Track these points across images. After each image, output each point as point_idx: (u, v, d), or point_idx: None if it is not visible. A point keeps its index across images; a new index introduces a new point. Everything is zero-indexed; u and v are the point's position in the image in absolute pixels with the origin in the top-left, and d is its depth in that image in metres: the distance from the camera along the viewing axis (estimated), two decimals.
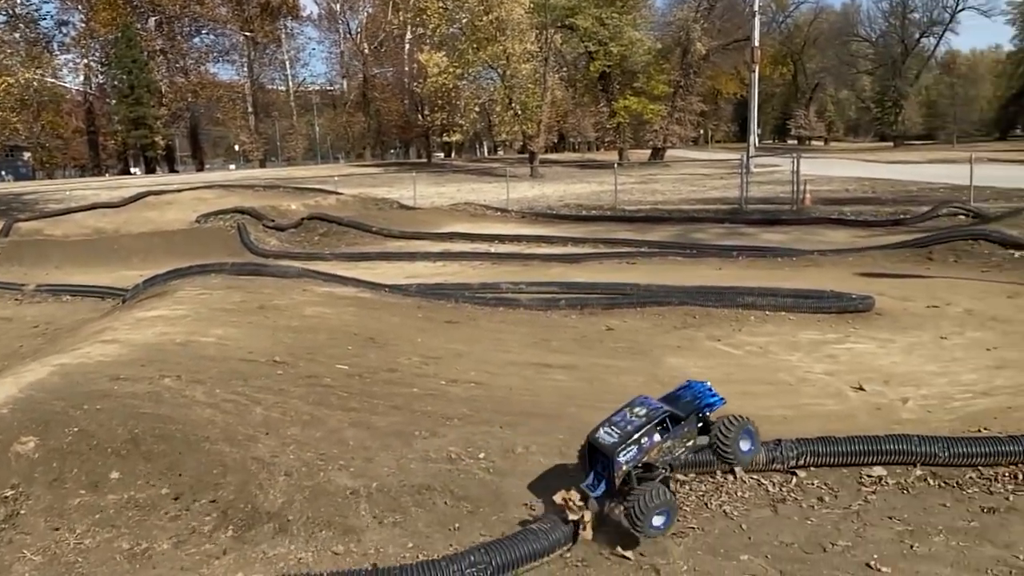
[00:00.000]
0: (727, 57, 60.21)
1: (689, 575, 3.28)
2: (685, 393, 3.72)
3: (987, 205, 18.12)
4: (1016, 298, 8.57)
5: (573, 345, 7.04)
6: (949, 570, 3.25)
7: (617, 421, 3.59)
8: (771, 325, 7.80)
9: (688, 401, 3.66)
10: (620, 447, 3.43)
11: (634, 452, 3.45)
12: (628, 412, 3.61)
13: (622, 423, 3.57)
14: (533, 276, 10.82)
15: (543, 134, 47.45)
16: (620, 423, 3.58)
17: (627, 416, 3.60)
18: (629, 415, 3.60)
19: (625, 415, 3.61)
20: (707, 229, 17.57)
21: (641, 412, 3.59)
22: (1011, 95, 74.16)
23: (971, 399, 5.55)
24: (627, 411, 3.63)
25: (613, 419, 3.61)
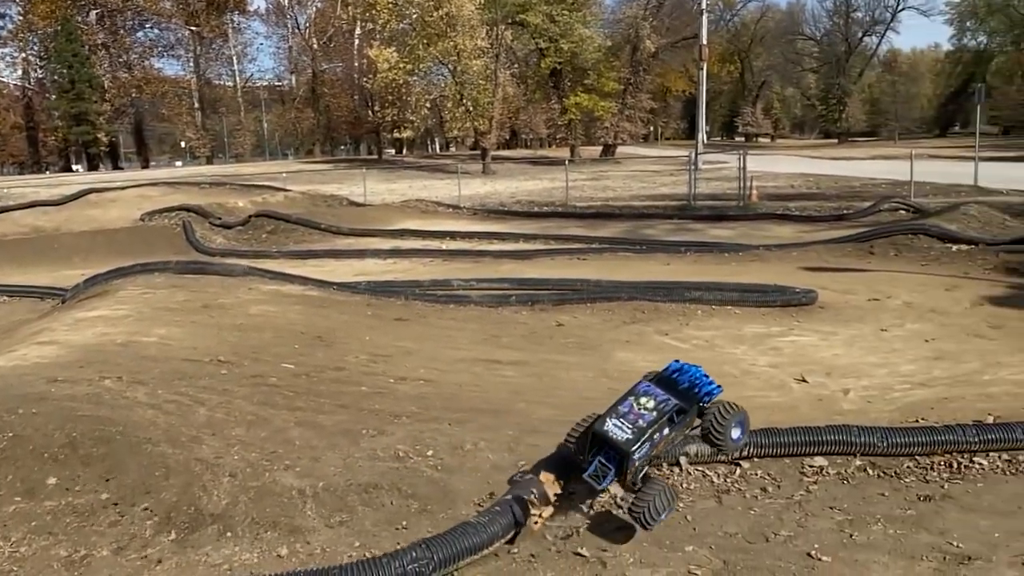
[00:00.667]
0: (676, 55, 60.91)
1: (635, 567, 3.31)
2: (682, 378, 3.61)
3: (927, 200, 18.63)
4: (953, 291, 8.83)
5: (523, 341, 7.06)
6: (886, 558, 3.33)
7: (625, 413, 3.49)
8: (717, 319, 7.93)
9: (687, 388, 3.57)
10: (635, 444, 3.38)
11: (647, 448, 3.41)
12: (634, 403, 3.52)
13: (631, 416, 3.47)
14: (484, 273, 10.82)
15: (495, 130, 47.44)
16: (629, 416, 3.48)
17: (635, 408, 3.50)
18: (636, 406, 3.51)
19: (632, 406, 3.51)
20: (657, 225, 17.76)
21: (650, 405, 3.50)
22: (950, 93, 76.24)
23: (909, 390, 5.71)
24: (633, 401, 3.53)
25: (620, 410, 3.50)
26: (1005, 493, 3.91)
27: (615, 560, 3.35)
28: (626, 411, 3.47)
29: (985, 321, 7.56)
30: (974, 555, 3.31)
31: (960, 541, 3.43)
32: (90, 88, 62.57)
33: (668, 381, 3.59)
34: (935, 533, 3.53)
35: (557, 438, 4.52)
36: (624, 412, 3.47)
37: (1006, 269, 9.61)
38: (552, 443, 4.35)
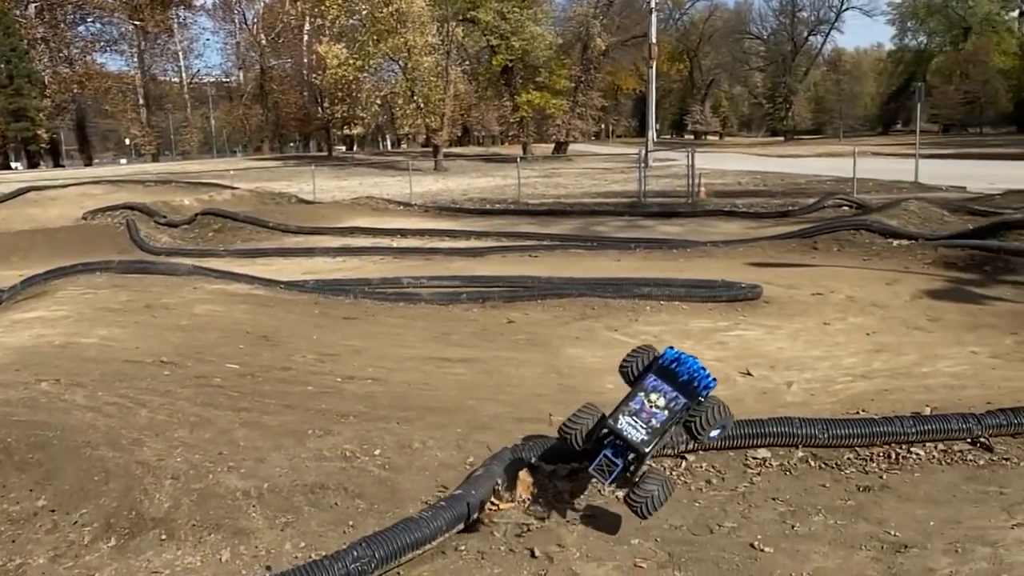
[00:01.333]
0: (626, 53, 61.40)
1: (582, 562, 3.32)
2: (681, 370, 3.58)
3: (869, 196, 19.08)
4: (894, 284, 9.05)
5: (474, 338, 7.05)
6: (826, 548, 3.40)
7: (638, 411, 3.46)
8: (665, 314, 8.01)
9: (686, 382, 3.55)
10: (650, 446, 3.41)
11: (657, 447, 3.46)
12: (645, 400, 3.49)
13: (644, 415, 3.46)
14: (435, 270, 10.78)
15: (446, 127, 47.31)
16: (642, 415, 3.46)
17: (646, 405, 3.48)
18: (648, 404, 3.48)
19: (643, 403, 3.48)
20: (607, 222, 17.89)
21: (660, 403, 3.49)
22: (892, 92, 78.09)
23: (851, 382, 5.84)
24: (643, 398, 3.50)
25: (631, 406, 3.47)
26: (940, 482, 4.02)
27: (562, 555, 3.36)
28: (638, 408, 3.47)
29: (924, 314, 7.77)
30: (910, 543, 3.40)
31: (897, 530, 3.52)
32: (29, 83, 60.79)
33: (667, 372, 3.57)
34: (873, 523, 3.61)
35: (506, 435, 4.54)
36: (636, 410, 3.47)
37: (944, 263, 9.89)
38: (501, 440, 4.37)
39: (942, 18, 72.08)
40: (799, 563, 3.28)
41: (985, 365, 6.09)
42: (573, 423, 3.59)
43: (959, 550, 3.33)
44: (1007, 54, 67.13)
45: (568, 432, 3.59)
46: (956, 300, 8.24)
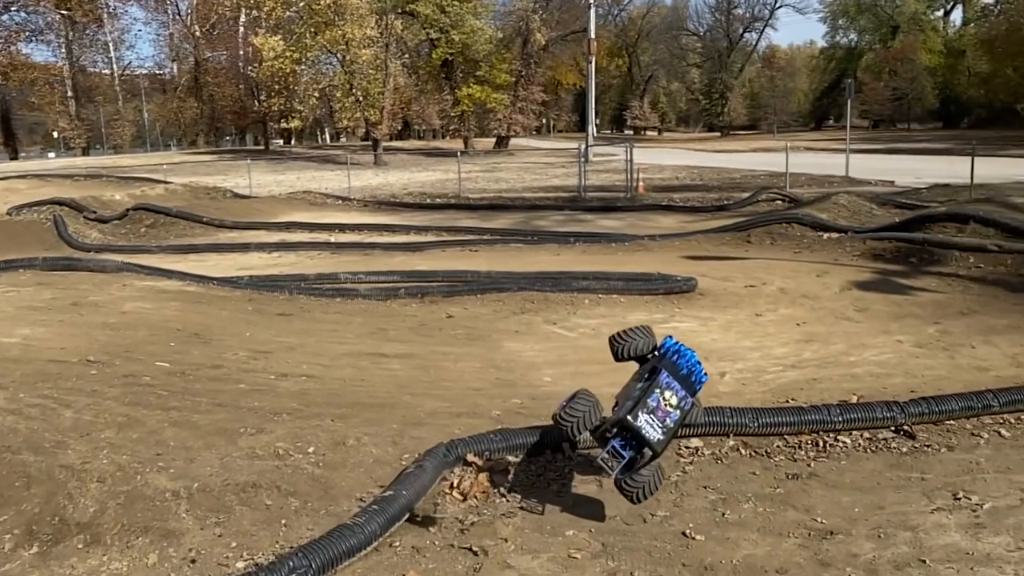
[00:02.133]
0: (566, 48, 61.60)
1: (516, 554, 3.33)
2: (681, 362, 3.67)
3: (801, 191, 19.52)
4: (824, 276, 9.28)
5: (411, 334, 7.01)
6: (756, 535, 3.48)
7: (654, 409, 3.50)
8: (604, 307, 8.08)
9: (686, 376, 3.65)
10: (665, 445, 3.50)
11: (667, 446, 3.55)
12: (660, 397, 3.53)
13: (660, 413, 3.50)
14: (374, 265, 10.68)
15: (386, 121, 46.85)
16: (658, 413, 3.50)
17: (661, 404, 3.52)
18: (663, 402, 3.53)
19: (659, 401, 3.52)
20: (548, 216, 17.96)
21: (673, 402, 3.56)
22: (824, 88, 79.95)
23: (781, 372, 5.97)
24: (659, 395, 3.53)
25: (649, 404, 3.49)
26: (865, 470, 4.14)
27: (497, 548, 3.37)
28: (655, 406, 3.51)
29: (852, 305, 7.99)
30: (836, 530, 3.49)
31: (823, 517, 3.61)
32: None
33: (673, 365, 3.65)
34: (801, 510, 3.70)
35: (443, 430, 4.53)
36: (653, 407, 3.50)
37: (872, 255, 10.17)
38: (438, 435, 4.35)
39: (871, 16, 74.07)
40: (729, 550, 3.34)
41: (909, 354, 6.29)
42: (571, 413, 3.59)
43: (882, 535, 3.43)
44: (933, 52, 69.29)
45: (567, 421, 3.58)
46: (883, 291, 8.49)
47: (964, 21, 72.70)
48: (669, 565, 3.23)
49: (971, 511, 3.60)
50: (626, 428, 3.46)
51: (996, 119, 60.92)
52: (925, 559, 3.21)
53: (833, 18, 78.30)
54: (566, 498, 3.83)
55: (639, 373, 3.82)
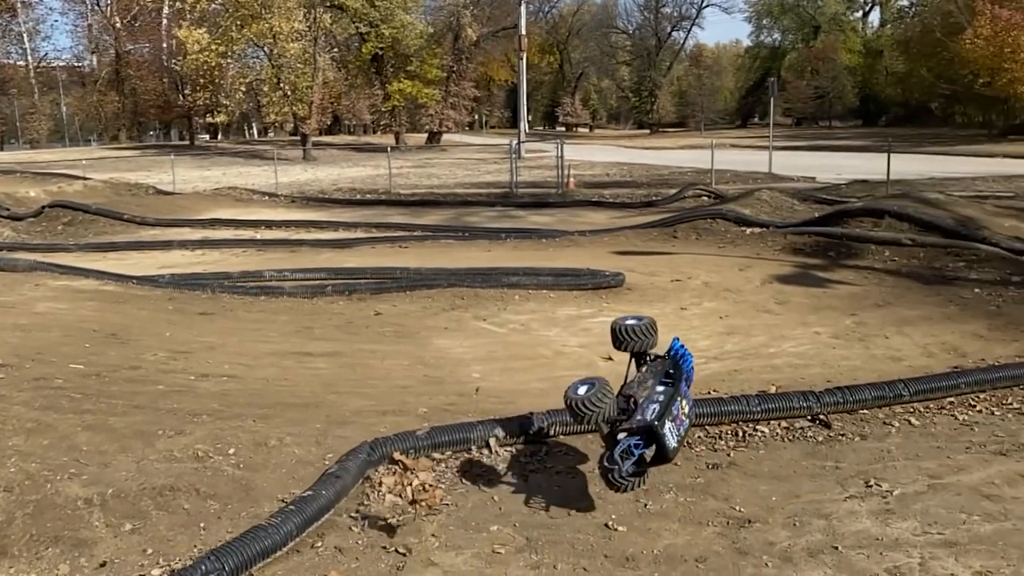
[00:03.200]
0: (498, 44, 61.68)
1: (441, 551, 3.32)
2: (685, 366, 3.79)
3: (727, 187, 19.94)
4: (746, 270, 9.49)
5: (338, 332, 6.92)
6: (676, 525, 3.54)
7: (675, 416, 3.53)
8: (534, 303, 8.11)
9: (686, 379, 3.79)
10: (676, 453, 3.55)
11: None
12: (681, 406, 3.58)
13: (679, 422, 3.55)
14: (300, 263, 10.51)
15: (315, 116, 46.14)
16: (678, 420, 3.55)
17: (680, 413, 3.57)
18: (681, 412, 3.58)
19: (679, 409, 3.57)
20: (480, 212, 17.94)
21: (686, 410, 3.64)
22: (749, 86, 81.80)
23: (704, 363, 6.07)
24: (680, 404, 3.58)
25: (673, 412, 3.52)
26: (783, 459, 4.25)
27: (421, 546, 3.35)
28: (676, 414, 3.55)
29: (773, 298, 8.19)
30: (753, 518, 3.58)
31: (742, 506, 3.70)
32: None
33: (686, 374, 3.79)
34: (720, 499, 3.78)
35: (368, 429, 4.48)
36: (675, 415, 3.54)
37: (792, 250, 10.45)
38: (363, 434, 4.31)
39: (794, 16, 76.07)
40: (650, 540, 3.39)
41: (826, 345, 6.48)
42: (595, 403, 3.48)
43: (797, 523, 3.53)
44: (853, 52, 71.54)
45: (589, 410, 3.48)
46: (802, 284, 8.73)
47: (882, 22, 75.31)
48: (591, 557, 3.26)
49: (881, 498, 3.73)
50: (652, 435, 3.47)
51: (912, 117, 63.31)
52: (837, 545, 3.31)
53: (758, 18, 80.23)
54: (492, 494, 3.84)
55: (651, 372, 3.82)
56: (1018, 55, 36.78)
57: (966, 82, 43.56)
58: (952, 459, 4.15)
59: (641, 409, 3.53)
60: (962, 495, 3.74)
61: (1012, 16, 36.73)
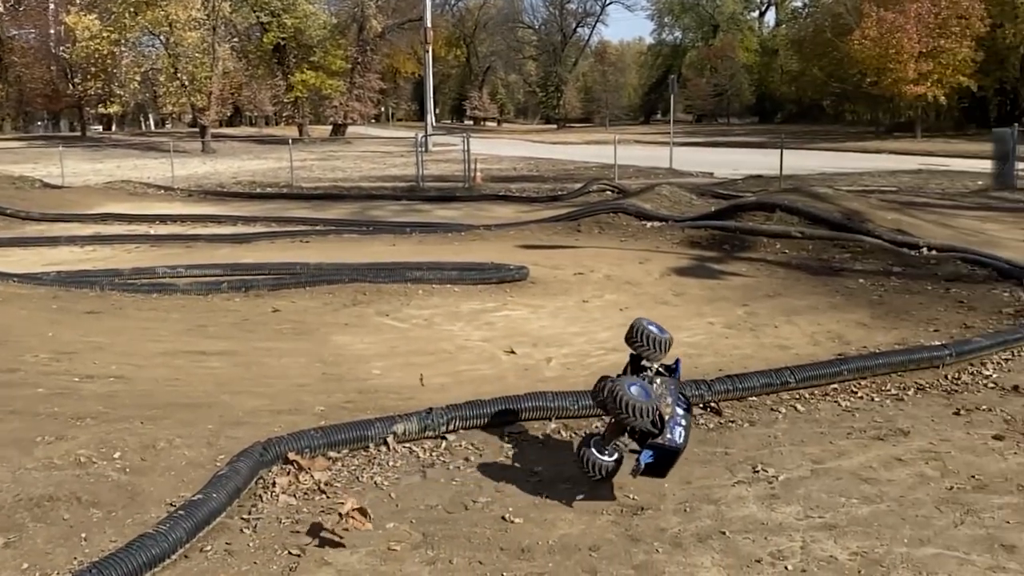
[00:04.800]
0: (403, 36, 61.03)
1: (335, 550, 3.27)
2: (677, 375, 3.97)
3: (629, 182, 20.33)
4: (646, 263, 9.70)
5: (234, 330, 6.74)
6: (572, 515, 3.59)
7: (680, 421, 3.69)
8: (438, 297, 8.09)
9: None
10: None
11: None
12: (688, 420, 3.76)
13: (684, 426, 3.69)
14: (196, 258, 10.17)
15: (215, 107, 44.79)
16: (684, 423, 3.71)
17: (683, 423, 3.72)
18: (684, 422, 3.73)
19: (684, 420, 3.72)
20: (385, 206, 17.77)
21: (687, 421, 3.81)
22: (652, 83, 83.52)
23: (604, 355, 6.19)
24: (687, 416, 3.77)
25: (678, 417, 3.68)
26: None
27: (314, 545, 3.30)
28: (680, 417, 3.74)
29: (671, 290, 8.40)
30: (646, 505, 3.67)
31: (635, 494, 3.78)
32: None
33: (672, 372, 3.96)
34: (615, 488, 3.85)
35: (263, 429, 4.38)
36: (683, 422, 3.73)
37: (690, 243, 10.73)
38: (257, 434, 4.21)
39: (694, 15, 78.10)
40: (546, 531, 3.43)
41: (720, 335, 6.69)
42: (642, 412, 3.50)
43: (687, 509, 3.63)
44: (750, 51, 73.92)
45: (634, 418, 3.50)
46: (698, 276, 8.98)
47: (777, 22, 78.03)
48: (488, 550, 3.27)
49: (767, 483, 3.88)
50: (673, 457, 3.63)
51: (805, 114, 65.89)
52: (725, 530, 3.43)
53: (659, 16, 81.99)
54: (389, 491, 3.81)
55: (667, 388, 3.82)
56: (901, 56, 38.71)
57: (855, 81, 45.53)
58: (834, 444, 4.35)
59: (670, 429, 3.62)
60: (842, 479, 3.92)
61: (896, 18, 38.59)
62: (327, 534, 3.30)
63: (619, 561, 3.19)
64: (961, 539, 3.31)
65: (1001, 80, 45.49)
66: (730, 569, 3.13)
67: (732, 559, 3.20)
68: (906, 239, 9.88)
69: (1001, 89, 46.61)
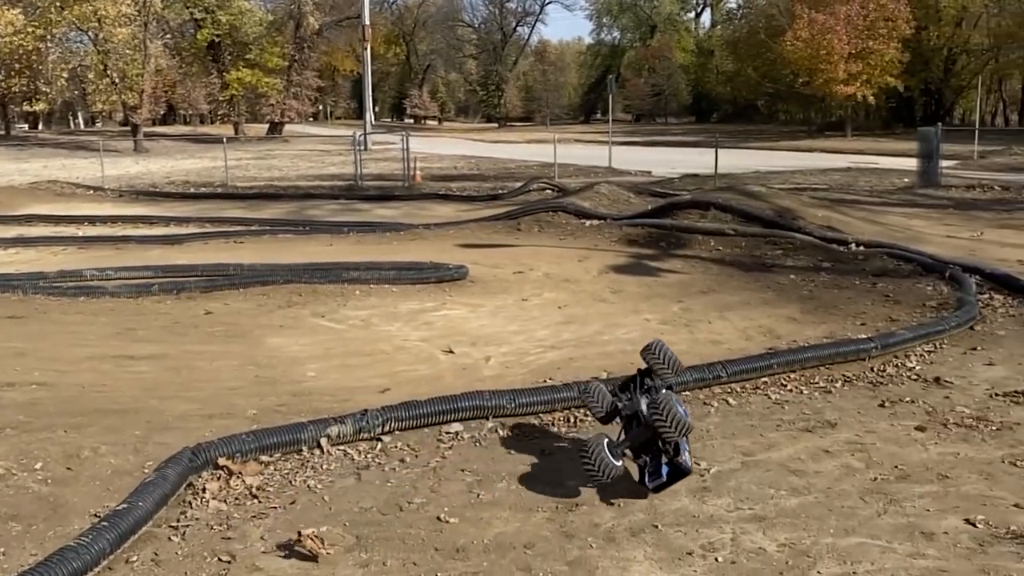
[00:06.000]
0: (342, 33, 60.22)
1: (266, 556, 3.22)
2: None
3: (569, 180, 20.45)
4: (584, 261, 9.78)
5: (164, 333, 6.57)
6: (507, 513, 3.59)
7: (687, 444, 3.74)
8: (375, 298, 8.02)
9: None
10: None
11: None
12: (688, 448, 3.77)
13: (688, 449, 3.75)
14: (126, 260, 9.88)
15: (147, 105, 43.67)
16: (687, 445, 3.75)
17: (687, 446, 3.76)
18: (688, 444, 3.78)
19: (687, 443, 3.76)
20: (322, 206, 17.54)
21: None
22: (591, 83, 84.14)
23: (542, 353, 6.22)
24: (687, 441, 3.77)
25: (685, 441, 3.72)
26: None
27: (246, 551, 3.24)
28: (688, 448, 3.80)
29: (608, 287, 8.49)
30: (581, 501, 3.69)
31: (571, 490, 3.80)
32: None
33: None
34: (551, 484, 3.87)
35: (192, 434, 4.29)
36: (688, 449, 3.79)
37: (628, 241, 10.85)
38: (186, 439, 4.12)
39: (632, 15, 78.99)
40: (481, 530, 3.43)
41: (655, 331, 6.76)
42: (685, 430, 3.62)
43: (621, 504, 3.67)
44: (686, 51, 75.03)
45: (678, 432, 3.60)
46: (636, 274, 9.09)
47: (712, 23, 79.40)
48: (422, 551, 3.26)
49: (699, 476, 3.94)
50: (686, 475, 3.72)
51: (740, 114, 67.19)
52: (657, 524, 3.47)
53: (598, 16, 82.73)
54: (322, 494, 3.76)
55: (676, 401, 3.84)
56: (832, 56, 39.72)
57: (788, 81, 46.58)
58: (764, 437, 4.44)
59: (682, 451, 3.70)
60: (772, 471, 4.01)
61: (827, 20, 39.58)
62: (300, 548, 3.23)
63: (553, 558, 3.21)
64: (884, 528, 3.41)
65: (926, 81, 47.08)
66: (662, 562, 3.17)
67: (664, 552, 3.24)
68: (836, 236, 10.15)
69: (927, 89, 48.22)
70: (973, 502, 3.63)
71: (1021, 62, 45.52)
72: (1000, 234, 11.50)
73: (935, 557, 3.17)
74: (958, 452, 4.19)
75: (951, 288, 7.69)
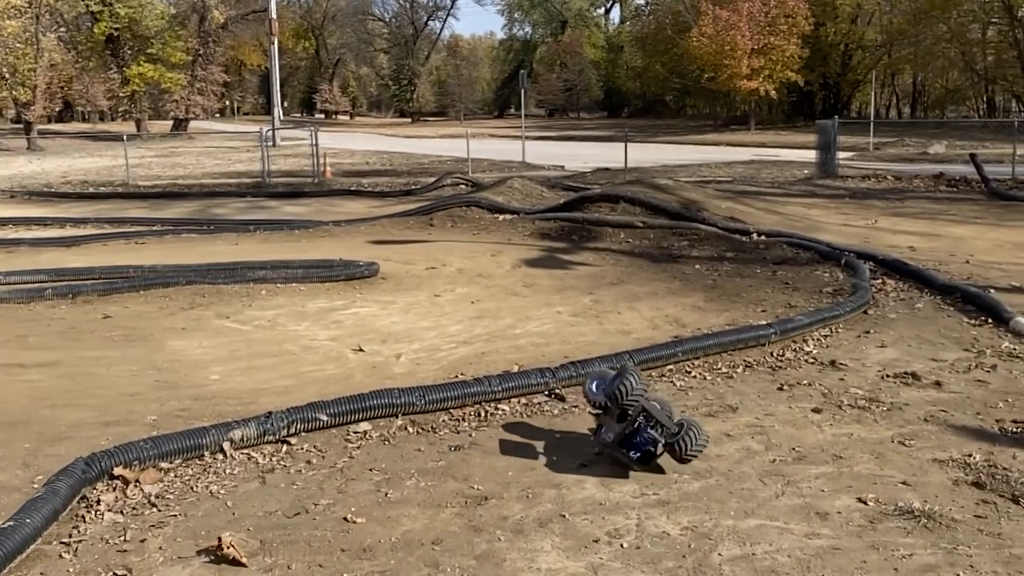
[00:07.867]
0: (248, 27, 58.67)
1: (166, 566, 3.11)
2: None
3: (483, 175, 20.45)
4: (498, 256, 9.80)
5: (58, 339, 6.29)
6: (416, 510, 3.57)
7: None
8: (282, 297, 7.86)
9: None
10: None
11: None
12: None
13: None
14: (17, 264, 9.42)
15: (41, 102, 41.68)
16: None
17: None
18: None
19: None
20: (228, 204, 17.06)
21: None
22: (505, 78, 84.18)
23: (454, 348, 6.21)
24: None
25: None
26: (520, 433, 4.43)
27: (144, 563, 3.13)
28: None
29: (521, 281, 8.52)
30: (490, 495, 3.70)
31: (480, 484, 3.81)
32: None
33: None
34: (460, 480, 3.87)
35: (87, 443, 4.13)
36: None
37: (540, 235, 10.92)
38: (80, 449, 3.96)
39: (543, 11, 79.39)
40: (389, 529, 3.40)
41: (566, 323, 6.85)
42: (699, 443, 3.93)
43: (530, 496, 3.69)
44: (597, 47, 75.92)
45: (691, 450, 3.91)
46: (548, 267, 9.16)
47: (621, 19, 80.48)
48: (328, 552, 3.21)
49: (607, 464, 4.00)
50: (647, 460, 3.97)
51: (650, 109, 68.42)
52: (565, 513, 3.51)
53: (510, 11, 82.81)
54: (225, 499, 3.67)
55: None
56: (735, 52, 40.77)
57: (694, 77, 47.58)
58: None
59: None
60: None
61: (730, 17, 40.60)
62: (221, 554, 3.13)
63: (461, 552, 3.21)
64: (781, 509, 3.53)
65: (825, 75, 48.79)
66: (569, 551, 3.20)
67: (571, 541, 3.28)
68: (738, 226, 10.45)
69: (825, 84, 49.99)
70: (865, 481, 3.79)
71: (912, 57, 47.67)
72: (892, 222, 12.04)
73: (829, 536, 3.30)
74: (851, 433, 4.37)
75: (846, 274, 8.02)
